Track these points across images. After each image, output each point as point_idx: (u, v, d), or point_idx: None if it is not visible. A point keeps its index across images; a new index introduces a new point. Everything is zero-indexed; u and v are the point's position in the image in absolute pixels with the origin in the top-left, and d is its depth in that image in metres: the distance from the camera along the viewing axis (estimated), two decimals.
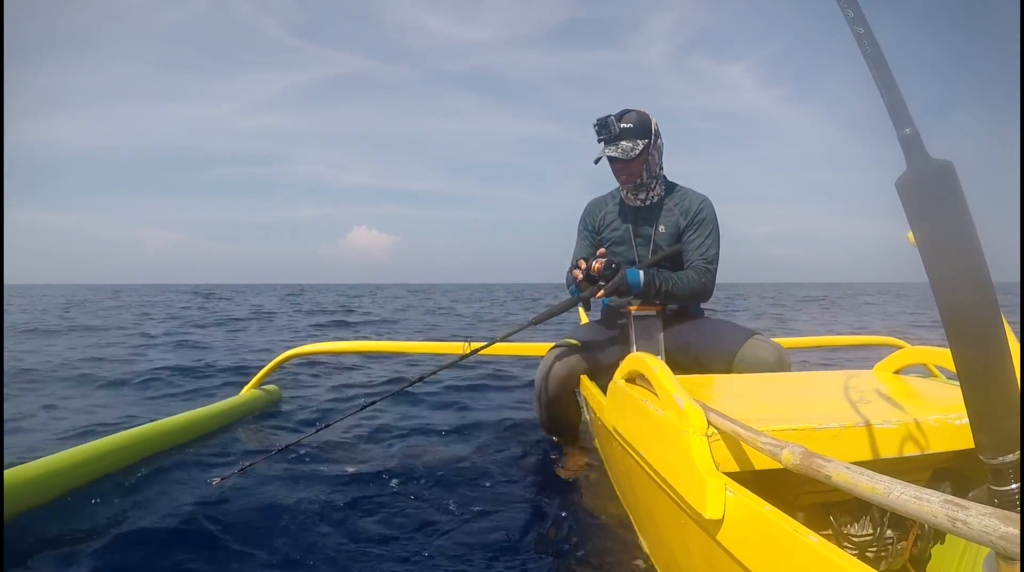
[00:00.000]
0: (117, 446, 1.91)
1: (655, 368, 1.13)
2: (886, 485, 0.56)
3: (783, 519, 0.70)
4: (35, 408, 2.95)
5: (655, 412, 1.08)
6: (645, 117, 1.88)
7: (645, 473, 1.15)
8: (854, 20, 0.60)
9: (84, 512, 1.57)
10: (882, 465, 0.97)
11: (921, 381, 1.41)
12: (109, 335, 7.22)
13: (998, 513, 0.45)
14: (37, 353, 5.19)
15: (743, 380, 1.48)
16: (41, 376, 3.96)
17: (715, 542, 0.82)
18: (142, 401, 3.27)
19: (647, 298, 1.84)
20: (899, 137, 0.58)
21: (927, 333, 6.69)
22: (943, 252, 0.57)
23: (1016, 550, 0.44)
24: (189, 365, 4.47)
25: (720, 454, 0.93)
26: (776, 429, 0.95)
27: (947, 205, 0.56)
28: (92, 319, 10.17)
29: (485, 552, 1.40)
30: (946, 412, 1.03)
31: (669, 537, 1.12)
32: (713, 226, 1.94)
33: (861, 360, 4.62)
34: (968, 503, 0.47)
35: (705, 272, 1.88)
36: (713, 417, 0.93)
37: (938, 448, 1.00)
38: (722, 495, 0.81)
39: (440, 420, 2.73)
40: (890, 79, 0.58)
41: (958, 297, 0.57)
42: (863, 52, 0.59)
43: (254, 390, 2.86)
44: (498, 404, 3.12)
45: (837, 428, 0.97)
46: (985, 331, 0.56)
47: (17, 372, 4.00)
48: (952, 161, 0.56)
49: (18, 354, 5.00)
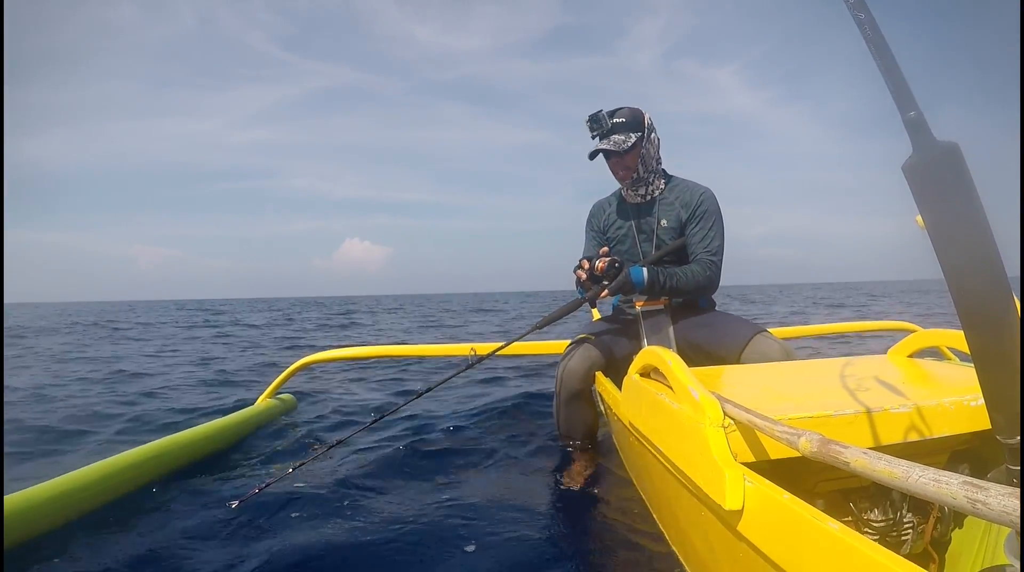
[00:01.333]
0: (129, 464, 1.86)
1: (669, 361, 1.13)
2: (904, 469, 0.56)
3: (803, 507, 0.70)
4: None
5: (671, 405, 1.09)
6: (637, 112, 1.89)
7: (663, 467, 1.15)
8: (855, 6, 0.60)
9: (97, 538, 1.52)
10: (899, 449, 0.96)
11: (935, 364, 1.41)
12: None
13: (1017, 493, 0.45)
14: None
15: (757, 370, 1.47)
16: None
17: (735, 533, 0.83)
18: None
19: (652, 294, 1.84)
20: (904, 120, 0.58)
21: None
22: (952, 234, 0.57)
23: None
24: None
25: (737, 445, 0.94)
26: (792, 417, 0.95)
27: (955, 187, 0.56)
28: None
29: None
30: (962, 394, 1.03)
31: (690, 529, 1.12)
32: (716, 217, 1.93)
33: (875, 345, 4.59)
34: (987, 484, 0.48)
35: (710, 264, 1.87)
36: (729, 408, 0.93)
37: (955, 430, 0.99)
38: (741, 485, 0.81)
39: (443, 429, 2.67)
40: (893, 63, 0.58)
41: (969, 279, 0.57)
42: (864, 37, 0.59)
43: (269, 400, 2.87)
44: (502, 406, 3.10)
45: (853, 414, 0.97)
46: (997, 311, 0.56)
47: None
48: (958, 143, 0.56)
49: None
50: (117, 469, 1.80)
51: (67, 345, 8.50)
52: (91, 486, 1.68)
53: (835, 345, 5.18)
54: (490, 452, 2.29)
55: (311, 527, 1.58)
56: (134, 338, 9.83)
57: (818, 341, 4.67)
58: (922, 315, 9.09)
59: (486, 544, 1.47)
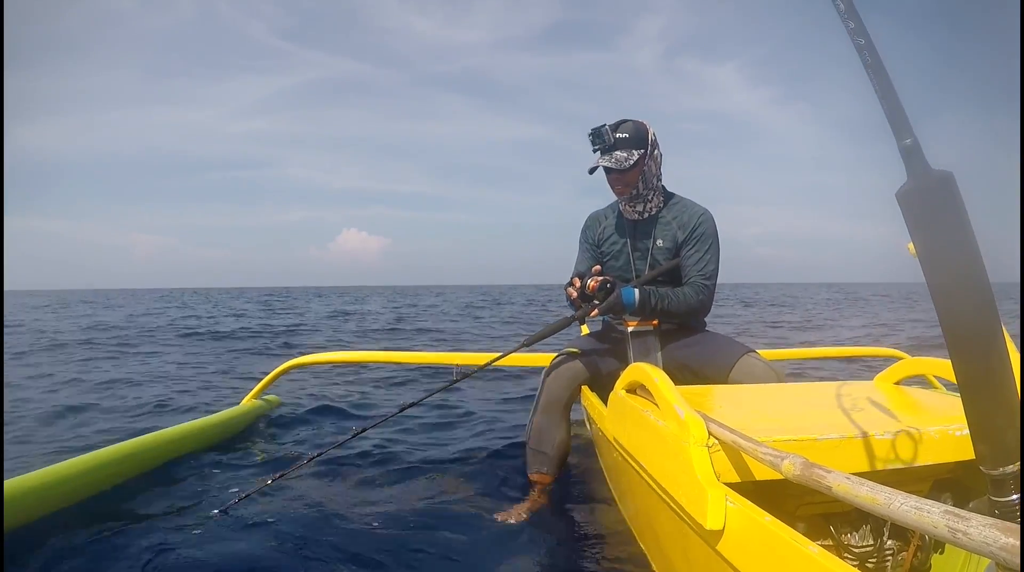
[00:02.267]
0: (110, 459, 1.83)
1: (656, 378, 1.13)
2: (887, 496, 0.56)
3: (783, 529, 0.70)
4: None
5: (656, 422, 1.08)
6: (642, 127, 1.84)
7: (646, 483, 1.15)
8: (855, 31, 0.60)
9: (71, 533, 1.50)
10: (883, 476, 0.96)
11: (922, 392, 1.41)
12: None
13: (999, 524, 0.45)
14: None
15: (743, 390, 1.47)
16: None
17: (716, 552, 0.82)
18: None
19: (643, 316, 1.83)
20: (899, 148, 0.58)
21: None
22: (943, 263, 0.57)
23: (1017, 561, 0.44)
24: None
25: (721, 464, 0.93)
26: (777, 440, 0.95)
27: (947, 216, 0.56)
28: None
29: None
30: (947, 423, 1.03)
31: (670, 547, 1.11)
32: (712, 241, 1.90)
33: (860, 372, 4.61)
34: (969, 514, 0.47)
35: (703, 289, 1.85)
36: (714, 427, 0.93)
37: (939, 459, 0.99)
38: (723, 505, 0.81)
39: (423, 443, 2.63)
40: (890, 89, 0.59)
41: (958, 308, 0.57)
42: (863, 62, 0.60)
43: (255, 400, 2.85)
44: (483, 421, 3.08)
45: (838, 439, 0.97)
46: (985, 342, 0.56)
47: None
48: (952, 172, 0.57)
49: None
50: (95, 465, 1.77)
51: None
52: (68, 481, 1.66)
53: (823, 368, 5.19)
54: (463, 467, 2.26)
55: (282, 537, 1.55)
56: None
57: (803, 363, 4.67)
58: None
59: (459, 558, 1.46)
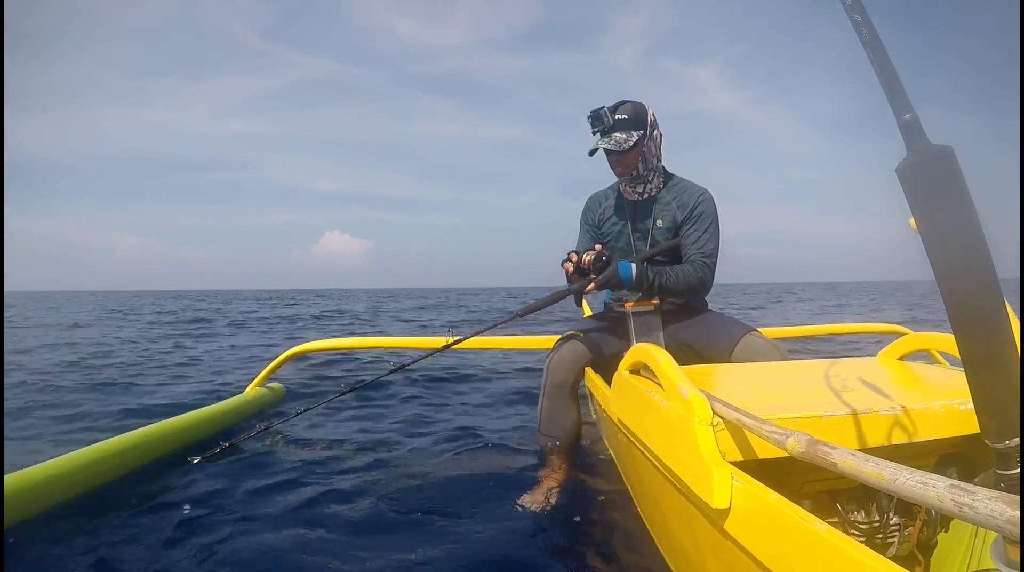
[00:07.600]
0: (115, 451, 1.84)
1: (659, 358, 1.13)
2: (892, 471, 0.56)
3: (789, 507, 0.70)
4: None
5: (660, 402, 1.08)
6: (641, 108, 1.85)
7: (651, 464, 1.15)
8: (852, 7, 0.59)
9: (76, 526, 1.51)
10: (888, 452, 0.97)
11: (925, 367, 1.41)
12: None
13: (1004, 497, 0.45)
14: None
15: (747, 369, 1.48)
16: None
17: (722, 531, 0.83)
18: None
19: (641, 291, 1.82)
20: (899, 123, 0.57)
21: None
22: (945, 237, 0.57)
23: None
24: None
25: (725, 443, 0.94)
26: (781, 417, 0.95)
27: (948, 190, 0.56)
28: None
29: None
30: (951, 397, 1.03)
31: (677, 527, 1.12)
32: (712, 219, 1.90)
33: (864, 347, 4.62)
34: (974, 488, 0.47)
35: (703, 266, 1.85)
36: (718, 406, 0.93)
37: (944, 433, 1.00)
38: (728, 484, 0.81)
39: (429, 428, 2.65)
40: (888, 65, 0.58)
41: (961, 282, 0.56)
42: (861, 39, 0.59)
43: (258, 388, 2.87)
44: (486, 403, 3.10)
45: (842, 415, 0.97)
46: (988, 315, 0.56)
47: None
48: (952, 146, 0.56)
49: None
50: (101, 456, 1.78)
51: None
52: (73, 474, 1.67)
53: (827, 345, 5.20)
54: (470, 446, 2.29)
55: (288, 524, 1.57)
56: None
57: (807, 341, 4.69)
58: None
59: (465, 542, 1.46)
